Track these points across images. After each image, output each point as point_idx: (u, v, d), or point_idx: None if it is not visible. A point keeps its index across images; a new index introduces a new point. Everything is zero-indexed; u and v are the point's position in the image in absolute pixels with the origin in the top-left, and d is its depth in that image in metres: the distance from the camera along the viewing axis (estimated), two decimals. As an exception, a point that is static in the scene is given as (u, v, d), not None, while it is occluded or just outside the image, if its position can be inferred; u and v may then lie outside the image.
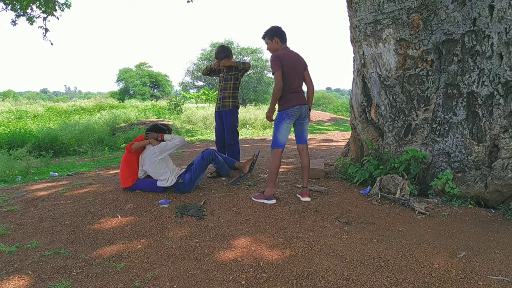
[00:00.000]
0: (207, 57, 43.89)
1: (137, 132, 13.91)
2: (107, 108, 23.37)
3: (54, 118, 21.15)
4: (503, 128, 4.54)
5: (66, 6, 12.67)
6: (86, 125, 14.91)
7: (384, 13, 5.31)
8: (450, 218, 4.32)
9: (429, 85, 5.22)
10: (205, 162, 5.35)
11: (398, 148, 5.51)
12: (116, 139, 13.56)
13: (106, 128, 15.14)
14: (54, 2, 11.63)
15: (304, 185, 5.07)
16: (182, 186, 5.18)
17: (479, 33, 4.69)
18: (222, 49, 6.26)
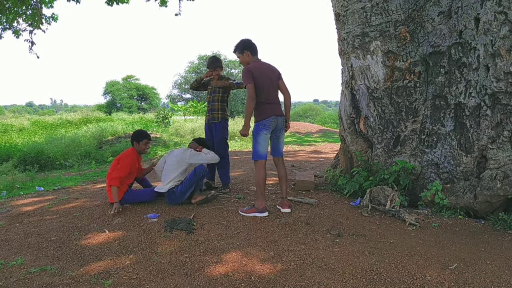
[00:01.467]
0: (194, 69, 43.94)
1: (124, 145, 13.77)
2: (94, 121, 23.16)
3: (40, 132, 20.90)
4: (491, 139, 4.58)
5: (53, 19, 12.59)
6: (72, 139, 14.74)
7: (372, 25, 5.36)
8: (440, 229, 4.32)
9: (417, 96, 5.26)
10: (197, 177, 5.29)
11: (388, 159, 5.52)
12: (103, 153, 13.41)
13: (93, 142, 14.97)
14: (41, 16, 11.54)
15: (283, 195, 5.05)
16: (173, 196, 5.17)
17: (465, 45, 4.75)
18: (214, 59, 6.24)
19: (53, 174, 10.25)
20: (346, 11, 5.61)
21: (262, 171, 4.83)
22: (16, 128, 22.60)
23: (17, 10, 11.33)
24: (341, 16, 5.74)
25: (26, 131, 21.77)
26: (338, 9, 5.78)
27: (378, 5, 5.27)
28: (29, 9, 11.67)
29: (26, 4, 11.19)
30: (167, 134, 17.33)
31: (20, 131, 21.86)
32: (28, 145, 14.60)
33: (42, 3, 11.95)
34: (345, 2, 5.58)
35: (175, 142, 15.37)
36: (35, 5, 11.40)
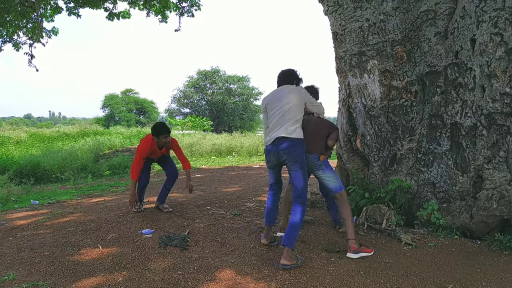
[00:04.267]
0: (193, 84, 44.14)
1: (121, 159, 13.73)
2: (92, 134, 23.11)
3: (37, 145, 20.84)
4: (487, 159, 4.59)
5: (53, 33, 12.68)
6: (69, 152, 14.69)
7: (369, 45, 5.41)
8: (436, 249, 4.30)
9: (414, 115, 5.29)
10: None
11: (384, 177, 5.52)
12: (100, 166, 13.36)
13: (90, 155, 14.90)
14: (41, 29, 11.62)
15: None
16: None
17: (461, 66, 4.79)
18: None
19: (48, 187, 10.20)
20: (343, 30, 5.67)
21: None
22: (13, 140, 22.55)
23: (17, 23, 11.43)
24: (339, 35, 5.79)
25: (23, 143, 21.72)
26: (336, 28, 5.84)
27: (375, 24, 5.32)
28: (30, 23, 11.77)
29: (27, 17, 11.28)
30: (165, 148, 17.31)
31: (18, 143, 21.81)
32: (24, 157, 14.52)
33: (43, 17, 12.06)
34: (342, 21, 5.65)
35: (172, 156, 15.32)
36: (36, 19, 11.48)
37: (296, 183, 3.99)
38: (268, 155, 4.18)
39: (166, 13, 13.06)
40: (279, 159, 4.05)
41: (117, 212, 5.65)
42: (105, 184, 10.07)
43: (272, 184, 4.42)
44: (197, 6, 13.20)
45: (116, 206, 6.23)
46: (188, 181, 5.76)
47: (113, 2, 12.68)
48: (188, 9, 13.14)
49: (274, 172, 4.34)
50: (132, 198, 5.52)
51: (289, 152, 3.94)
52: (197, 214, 5.61)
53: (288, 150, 3.93)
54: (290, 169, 4.04)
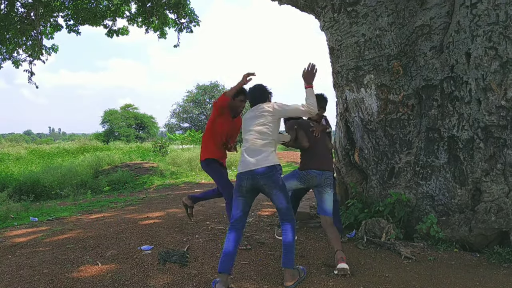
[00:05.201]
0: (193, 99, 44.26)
1: (120, 174, 13.75)
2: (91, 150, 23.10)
3: (37, 161, 20.82)
4: (485, 172, 4.61)
5: (53, 50, 12.79)
6: (69, 168, 14.68)
7: (365, 59, 5.47)
8: (436, 262, 4.29)
9: (411, 129, 5.32)
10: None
11: (382, 191, 5.53)
12: (99, 182, 13.37)
13: (90, 171, 14.92)
14: (40, 46, 11.73)
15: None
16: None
17: (457, 79, 4.84)
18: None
19: (48, 204, 10.18)
20: (340, 45, 5.73)
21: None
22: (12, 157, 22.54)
23: (17, 40, 11.54)
24: (335, 50, 5.86)
25: (23, 160, 21.71)
26: (332, 43, 5.91)
27: (371, 39, 5.39)
28: (29, 40, 11.88)
29: (26, 35, 11.40)
30: (164, 163, 17.32)
31: (17, 160, 21.79)
32: (24, 174, 14.53)
33: (43, 34, 12.17)
34: (339, 37, 5.72)
35: (171, 171, 15.35)
36: (35, 36, 11.59)
37: (280, 206, 3.80)
38: (240, 178, 3.82)
39: (164, 30, 13.21)
40: (255, 183, 3.76)
41: (116, 228, 5.65)
42: (105, 200, 10.07)
43: (237, 219, 3.83)
44: (196, 22, 13.35)
45: (115, 222, 6.23)
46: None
47: (113, 20, 12.84)
48: (187, 25, 13.29)
49: (245, 201, 3.87)
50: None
51: (268, 177, 3.73)
52: (196, 230, 5.61)
53: (266, 174, 3.72)
54: (269, 194, 3.81)
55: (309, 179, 4.53)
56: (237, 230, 3.79)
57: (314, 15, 6.34)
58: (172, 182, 13.57)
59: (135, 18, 12.88)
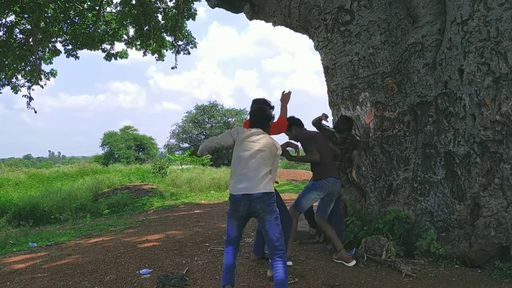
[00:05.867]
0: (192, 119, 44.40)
1: (120, 197, 13.71)
2: (91, 173, 23.08)
3: (36, 185, 20.78)
4: (482, 187, 4.61)
5: (52, 75, 12.88)
6: (68, 192, 14.65)
7: (360, 77, 5.52)
8: (437, 280, 4.26)
9: (407, 145, 5.34)
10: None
11: (381, 208, 5.52)
12: (99, 205, 13.32)
13: (89, 194, 14.88)
14: (39, 72, 11.82)
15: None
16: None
17: (451, 95, 4.88)
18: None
19: (47, 229, 10.14)
20: (334, 64, 5.80)
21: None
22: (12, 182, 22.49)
23: (16, 66, 11.62)
24: (330, 69, 5.92)
25: (22, 184, 21.64)
26: (327, 62, 5.98)
27: (365, 58, 5.46)
28: (28, 66, 11.97)
29: (25, 60, 11.50)
30: (164, 184, 17.29)
31: (16, 184, 21.72)
32: (23, 199, 14.49)
33: (41, 60, 12.28)
34: (333, 56, 5.78)
35: (171, 192, 15.31)
36: (34, 62, 11.70)
37: (271, 236, 3.69)
38: (236, 204, 3.76)
39: (162, 52, 13.35)
40: (251, 209, 3.73)
41: (115, 253, 5.61)
42: (104, 223, 10.02)
43: (233, 238, 3.87)
44: (193, 44, 13.50)
45: (114, 246, 6.19)
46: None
47: (111, 43, 12.99)
48: (184, 47, 13.43)
49: (239, 224, 3.87)
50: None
51: (264, 201, 3.70)
52: (196, 252, 5.57)
53: (263, 199, 3.69)
54: (263, 220, 3.74)
55: (329, 187, 4.90)
56: (234, 245, 3.89)
57: (308, 35, 6.43)
58: (172, 203, 13.52)
59: (133, 41, 13.05)
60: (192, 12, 12.67)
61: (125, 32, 13.03)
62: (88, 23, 12.48)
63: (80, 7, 12.17)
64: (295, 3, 6.15)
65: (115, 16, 12.77)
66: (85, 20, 12.41)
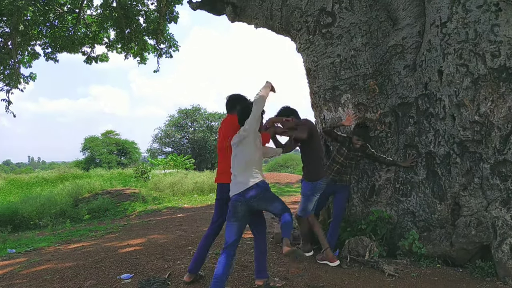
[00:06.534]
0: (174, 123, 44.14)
1: (101, 202, 13.51)
2: (71, 178, 22.67)
3: (15, 191, 20.33)
4: (462, 186, 4.66)
5: (31, 79, 12.63)
6: (48, 197, 14.36)
7: (341, 79, 5.55)
8: (419, 279, 4.28)
9: (389, 146, 5.38)
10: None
11: (364, 209, 5.54)
12: (79, 211, 13.09)
13: (69, 199, 14.59)
14: (18, 75, 11.59)
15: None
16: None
17: (431, 96, 4.94)
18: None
19: (26, 235, 9.94)
20: (316, 66, 5.81)
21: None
22: (-10, 189, 22.00)
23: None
24: (312, 71, 5.94)
25: (1, 190, 21.17)
26: (308, 64, 5.99)
27: (347, 60, 5.49)
28: (7, 69, 11.72)
29: (4, 64, 11.25)
30: (146, 189, 17.11)
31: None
32: (2, 205, 14.18)
33: (20, 63, 12.06)
34: (315, 58, 5.80)
35: (154, 197, 15.15)
36: (13, 65, 11.47)
37: (277, 211, 3.90)
38: (234, 205, 3.85)
39: (144, 55, 13.22)
40: (249, 207, 3.84)
41: (95, 258, 5.51)
42: (84, 229, 9.86)
43: (231, 244, 3.85)
44: (175, 47, 13.40)
45: (94, 251, 6.08)
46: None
47: (91, 46, 12.82)
48: (166, 50, 13.33)
49: (240, 225, 3.89)
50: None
51: (259, 198, 3.81)
52: (178, 255, 5.50)
53: (258, 197, 3.80)
54: (265, 210, 3.96)
55: (324, 187, 4.96)
56: (228, 255, 3.80)
57: (290, 37, 6.43)
58: (154, 207, 13.38)
59: (114, 44, 12.88)
60: (174, 15, 12.59)
61: (106, 35, 12.86)
62: (68, 26, 12.29)
63: (60, 9, 11.98)
64: (277, 5, 6.16)
65: (96, 19, 12.61)
66: (65, 23, 12.22)
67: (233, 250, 3.87)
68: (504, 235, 4.19)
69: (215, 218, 4.42)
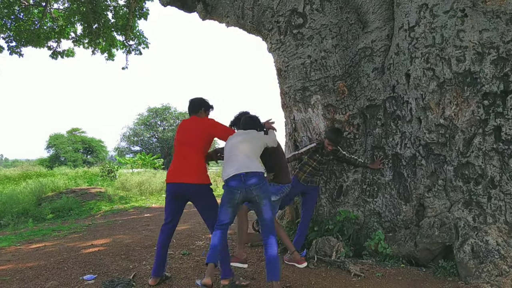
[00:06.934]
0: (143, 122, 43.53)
1: (65, 201, 13.14)
2: (34, 176, 21.98)
3: (-25, 190, 19.59)
4: (427, 188, 4.76)
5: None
6: (9, 196, 13.86)
7: (312, 80, 5.58)
8: (384, 279, 4.34)
9: (357, 147, 5.45)
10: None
11: (332, 209, 5.58)
12: (42, 210, 12.69)
13: (32, 198, 14.12)
14: (-21, 68, 11.15)
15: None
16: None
17: (398, 99, 5.03)
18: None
19: (-15, 234, 9.55)
20: (287, 66, 5.82)
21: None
22: None
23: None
24: (283, 71, 5.94)
25: (-41, 189, 20.34)
26: (279, 64, 6.00)
27: (317, 61, 5.52)
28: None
29: (-35, 57, 10.83)
30: (113, 188, 16.78)
31: (-47, 188, 20.39)
32: (-40, 204, 13.59)
33: (-18, 56, 11.62)
34: (285, 58, 5.81)
35: (120, 196, 14.88)
36: (-27, 59, 11.03)
37: (266, 217, 3.94)
38: (232, 192, 3.87)
39: (112, 51, 12.96)
40: (247, 195, 3.88)
41: (58, 258, 5.34)
42: (47, 228, 9.57)
43: (224, 223, 3.92)
44: (145, 44, 13.20)
45: (57, 251, 5.90)
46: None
47: (57, 41, 12.48)
48: (136, 47, 13.11)
49: (233, 210, 3.96)
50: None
51: (260, 187, 3.87)
52: (144, 256, 5.40)
53: (259, 185, 3.87)
54: (259, 204, 3.92)
55: (287, 191, 4.87)
56: (223, 231, 3.89)
57: (261, 37, 6.42)
58: (121, 207, 13.13)
59: (80, 39, 12.58)
60: (144, 12, 12.40)
61: (73, 29, 12.55)
62: (33, 20, 11.93)
63: (25, 2, 11.62)
64: (249, 4, 6.14)
65: (63, 13, 12.28)
66: (30, 16, 11.85)
67: (227, 228, 3.98)
68: (466, 235, 4.30)
69: (169, 219, 4.36)
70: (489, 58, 4.36)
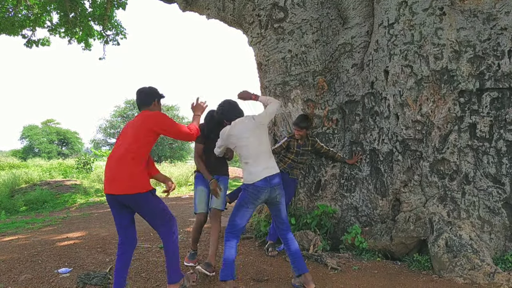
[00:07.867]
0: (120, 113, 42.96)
1: (39, 193, 12.87)
2: (7, 168, 21.49)
3: None
4: (403, 183, 4.84)
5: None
6: (-19, 187, 13.55)
7: (292, 75, 5.59)
8: (360, 272, 4.40)
9: (336, 142, 5.49)
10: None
11: (310, 203, 5.63)
12: (15, 202, 12.42)
13: (4, 190, 13.80)
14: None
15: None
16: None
17: (377, 95, 5.08)
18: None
19: (-46, 227, 9.28)
20: (267, 60, 5.82)
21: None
22: None
23: None
24: (263, 66, 5.94)
25: None
26: (260, 58, 5.99)
27: (297, 56, 5.53)
28: None
29: None
30: (89, 180, 16.51)
31: None
32: None
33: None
34: (266, 52, 5.80)
35: (96, 188, 14.66)
36: None
37: (283, 215, 4.03)
38: (259, 192, 3.79)
39: (89, 41, 12.72)
40: (271, 195, 3.85)
41: (31, 251, 5.24)
42: (20, 221, 9.36)
43: (240, 228, 3.86)
44: (123, 34, 12.99)
45: (30, 244, 5.78)
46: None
47: (32, 29, 12.16)
48: (113, 38, 12.89)
49: (252, 212, 3.93)
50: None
51: (281, 187, 3.93)
52: (121, 249, 5.33)
53: (281, 185, 3.93)
54: (278, 203, 3.95)
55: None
56: (237, 238, 3.88)
57: (242, 31, 6.40)
58: (96, 199, 12.95)
59: (57, 28, 12.28)
60: (122, 1, 12.18)
61: (49, 18, 12.24)
62: (7, 7, 11.58)
63: (-1, -11, 11.27)
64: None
65: (38, 1, 11.97)
66: (4, 3, 11.50)
67: (240, 234, 3.97)
68: (440, 230, 4.39)
69: (121, 238, 3.63)
70: (465, 56, 4.44)
